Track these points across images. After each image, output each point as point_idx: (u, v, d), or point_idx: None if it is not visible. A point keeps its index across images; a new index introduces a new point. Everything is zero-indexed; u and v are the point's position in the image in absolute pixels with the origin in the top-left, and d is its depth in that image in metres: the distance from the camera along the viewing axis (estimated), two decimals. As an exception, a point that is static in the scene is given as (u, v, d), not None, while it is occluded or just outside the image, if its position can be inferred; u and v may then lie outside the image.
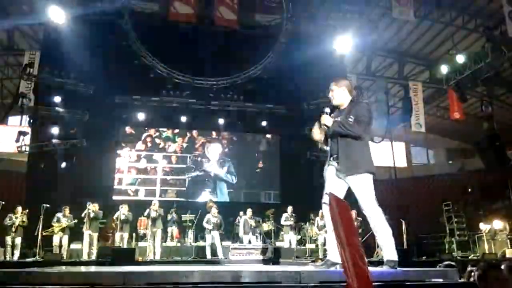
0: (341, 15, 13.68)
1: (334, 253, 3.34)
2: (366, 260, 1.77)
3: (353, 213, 11.08)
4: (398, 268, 3.27)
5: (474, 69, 11.57)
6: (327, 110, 3.53)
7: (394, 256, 3.35)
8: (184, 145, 14.36)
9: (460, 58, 12.51)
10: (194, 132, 14.47)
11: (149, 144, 14.13)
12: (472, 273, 3.70)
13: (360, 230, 10.83)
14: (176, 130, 14.36)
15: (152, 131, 14.23)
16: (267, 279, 2.68)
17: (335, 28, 13.37)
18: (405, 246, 10.64)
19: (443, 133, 19.90)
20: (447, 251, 12.19)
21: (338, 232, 1.76)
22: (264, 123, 14.05)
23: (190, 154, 14.25)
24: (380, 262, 8.93)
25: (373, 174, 3.36)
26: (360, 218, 11.13)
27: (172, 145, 14.29)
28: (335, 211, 1.82)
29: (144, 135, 14.12)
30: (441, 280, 2.97)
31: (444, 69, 13.16)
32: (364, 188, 3.36)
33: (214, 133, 14.68)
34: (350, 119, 3.36)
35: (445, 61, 13.54)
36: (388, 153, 13.45)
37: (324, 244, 10.88)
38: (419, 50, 15.83)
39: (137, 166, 13.85)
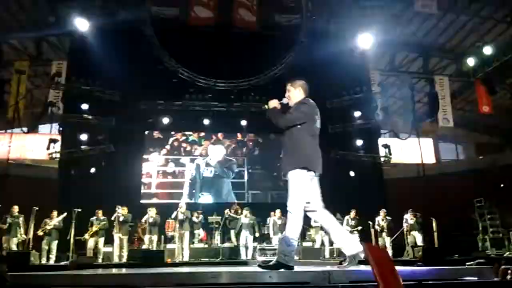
0: (362, 11, 13.49)
1: (348, 247, 3.33)
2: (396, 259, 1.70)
3: (382, 212, 10.95)
4: (431, 267, 3.20)
5: (502, 61, 11.20)
6: (284, 100, 3.69)
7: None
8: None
9: (488, 50, 12.14)
10: (220, 135, 14.56)
11: (175, 148, 14.31)
12: (509, 271, 3.58)
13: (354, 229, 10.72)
14: (202, 134, 14.50)
15: (178, 135, 14.41)
16: (296, 279, 2.67)
17: (356, 24, 13.20)
18: (436, 245, 10.38)
19: (472, 128, 19.29)
20: (480, 249, 11.82)
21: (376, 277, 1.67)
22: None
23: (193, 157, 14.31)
24: (410, 262, 8.81)
25: (307, 169, 3.33)
26: (390, 218, 10.97)
27: (198, 148, 14.43)
28: (370, 257, 1.73)
29: (171, 139, 14.31)
30: (475, 278, 2.89)
31: (471, 61, 12.80)
32: (292, 184, 3.34)
33: (239, 135, 14.71)
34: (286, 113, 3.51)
35: (472, 53, 13.16)
36: (416, 150, 13.15)
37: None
38: (444, 43, 15.42)
39: (166, 170, 14.06)
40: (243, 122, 13.90)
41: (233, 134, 14.67)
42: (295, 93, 3.69)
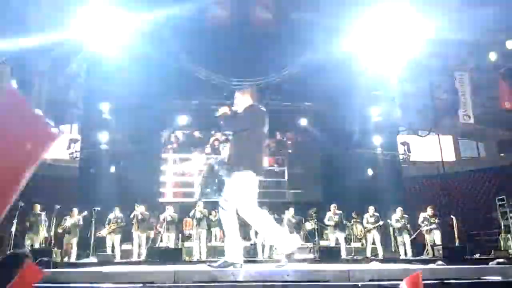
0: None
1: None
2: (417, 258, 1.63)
3: (399, 210, 10.79)
4: (453, 266, 3.14)
5: (526, 55, 10.91)
6: (234, 108, 3.87)
7: (230, 258, 3.52)
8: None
9: (510, 44, 11.85)
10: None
11: (216, 148, 14.36)
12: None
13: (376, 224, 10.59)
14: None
15: (218, 135, 14.42)
16: (315, 277, 2.65)
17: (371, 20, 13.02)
18: (457, 243, 10.20)
19: (494, 124, 18.83)
20: (502, 248, 11.55)
21: None
22: (303, 121, 13.93)
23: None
24: (430, 261, 8.65)
25: (251, 171, 3.51)
26: (407, 216, 10.80)
27: None
28: None
29: (212, 139, 14.36)
30: (499, 278, 2.82)
31: (492, 56, 12.50)
32: (240, 185, 3.54)
33: (278, 135, 14.57)
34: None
35: (494, 47, 12.85)
36: (435, 147, 12.95)
37: (373, 243, 10.63)
38: (464, 37, 15.06)
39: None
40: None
41: (272, 134, 14.62)
42: (243, 100, 3.85)
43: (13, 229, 9.35)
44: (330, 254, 9.93)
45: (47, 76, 13.92)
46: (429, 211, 10.64)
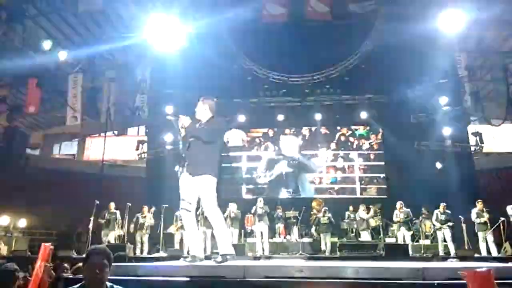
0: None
1: (195, 248, 3.78)
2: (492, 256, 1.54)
3: (479, 203, 9.97)
4: None
5: None
6: (198, 117, 4.35)
7: (229, 250, 3.63)
8: (378, 141, 14.22)
9: None
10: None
11: (342, 143, 14.35)
12: None
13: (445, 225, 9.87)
14: (367, 127, 14.32)
15: (344, 130, 14.40)
16: (387, 275, 2.57)
17: (438, 3, 12.27)
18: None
19: None
20: None
21: None
22: (363, 115, 13.47)
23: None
24: (508, 259, 7.99)
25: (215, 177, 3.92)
26: (449, 211, 10.07)
27: (365, 142, 14.30)
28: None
29: (338, 134, 14.44)
30: None
31: None
32: (205, 188, 3.89)
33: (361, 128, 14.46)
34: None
35: None
36: (511, 137, 11.93)
37: (444, 240, 10.02)
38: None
39: (336, 165, 14.24)
40: (318, 116, 13.71)
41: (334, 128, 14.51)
42: (204, 110, 4.42)
43: (91, 225, 10.08)
44: (396, 251, 9.57)
45: (115, 82, 14.81)
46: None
